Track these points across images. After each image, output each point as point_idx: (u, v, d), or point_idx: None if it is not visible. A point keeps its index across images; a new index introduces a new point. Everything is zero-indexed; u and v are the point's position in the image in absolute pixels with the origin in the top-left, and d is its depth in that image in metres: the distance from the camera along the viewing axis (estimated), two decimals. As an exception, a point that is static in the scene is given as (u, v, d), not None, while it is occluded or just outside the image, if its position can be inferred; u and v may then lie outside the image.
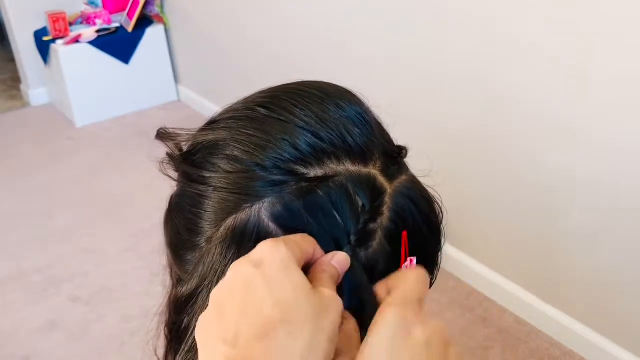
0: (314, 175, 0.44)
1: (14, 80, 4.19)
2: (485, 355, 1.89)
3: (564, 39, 1.59)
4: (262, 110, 0.47)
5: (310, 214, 0.43)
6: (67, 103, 3.56)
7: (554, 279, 1.88)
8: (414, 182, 0.50)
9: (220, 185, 0.45)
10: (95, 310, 2.18)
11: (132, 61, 3.58)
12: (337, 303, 0.39)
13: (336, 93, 0.49)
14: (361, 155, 0.46)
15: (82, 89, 3.50)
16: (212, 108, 3.29)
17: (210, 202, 0.45)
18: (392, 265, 0.46)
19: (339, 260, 0.43)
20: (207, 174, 0.46)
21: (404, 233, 0.46)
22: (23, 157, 3.30)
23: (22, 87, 3.97)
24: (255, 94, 0.50)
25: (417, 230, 0.48)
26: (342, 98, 0.48)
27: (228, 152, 0.45)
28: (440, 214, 0.52)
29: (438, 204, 0.52)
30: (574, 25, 1.55)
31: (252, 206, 0.44)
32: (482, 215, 2.03)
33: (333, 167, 0.44)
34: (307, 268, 0.42)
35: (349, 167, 0.45)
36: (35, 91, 3.88)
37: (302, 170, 0.44)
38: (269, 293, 0.38)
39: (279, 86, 0.50)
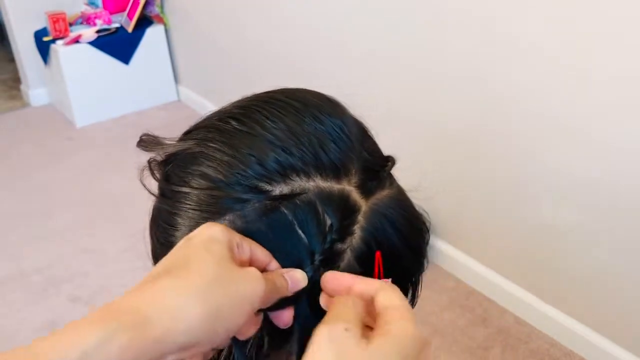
0: (279, 192, 0.42)
1: (14, 80, 4.19)
2: (485, 355, 1.89)
3: (563, 39, 1.59)
4: (233, 123, 0.45)
5: (273, 233, 0.42)
6: (67, 103, 3.56)
7: (554, 279, 1.88)
8: (396, 199, 0.47)
9: (186, 201, 0.44)
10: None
11: (132, 61, 3.58)
12: (257, 283, 0.38)
13: (315, 103, 0.47)
14: (334, 171, 0.44)
15: (82, 89, 3.50)
16: (212, 108, 3.27)
17: (180, 219, 0.45)
18: None
19: (293, 276, 0.42)
20: (175, 189, 0.45)
21: (377, 254, 0.44)
22: (23, 157, 3.30)
23: (22, 87, 3.97)
24: (234, 102, 0.49)
25: (394, 251, 0.45)
26: (321, 109, 0.47)
27: (195, 167, 0.44)
28: (427, 233, 0.49)
29: (424, 222, 0.49)
30: (574, 25, 1.55)
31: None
32: (482, 216, 2.03)
33: (301, 183, 0.43)
34: None
35: (320, 183, 0.43)
36: (35, 91, 3.88)
37: (266, 187, 0.42)
38: (182, 254, 0.38)
39: (258, 95, 0.49)
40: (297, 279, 0.42)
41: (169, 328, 0.35)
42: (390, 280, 0.44)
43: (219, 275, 0.37)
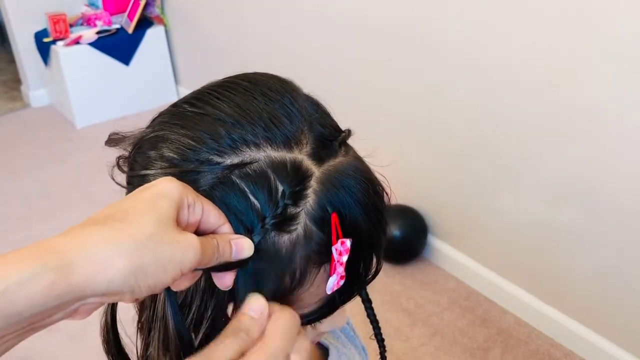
0: (229, 163, 0.45)
1: (15, 81, 4.19)
2: (486, 356, 1.89)
3: (564, 39, 1.59)
4: (186, 107, 0.49)
5: (224, 202, 0.44)
6: (67, 104, 3.56)
7: (554, 280, 1.88)
8: (352, 166, 0.49)
9: (145, 182, 0.46)
10: (96, 311, 2.17)
11: (133, 62, 3.58)
12: (190, 247, 0.39)
13: (264, 82, 0.50)
14: (285, 141, 0.46)
15: (83, 90, 3.51)
16: (212, 109, 3.28)
17: None
18: (326, 249, 0.46)
19: (239, 243, 0.43)
20: (137, 174, 0.48)
21: (333, 215, 0.46)
22: (23, 158, 3.30)
23: (23, 88, 3.98)
24: (191, 92, 0.52)
25: (350, 214, 0.47)
26: (270, 86, 0.50)
27: (154, 152, 0.47)
28: (386, 196, 0.51)
29: (382, 186, 0.51)
30: (574, 25, 1.55)
31: None
32: (482, 216, 2.03)
33: (251, 154, 0.45)
34: None
35: (270, 153, 0.46)
36: (36, 92, 3.88)
37: (217, 159, 0.45)
38: (126, 204, 0.39)
39: (213, 81, 0.53)
40: (243, 246, 0.43)
41: (91, 276, 0.35)
42: (348, 240, 0.46)
43: (153, 235, 0.37)
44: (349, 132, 0.51)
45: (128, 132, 0.53)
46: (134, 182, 0.48)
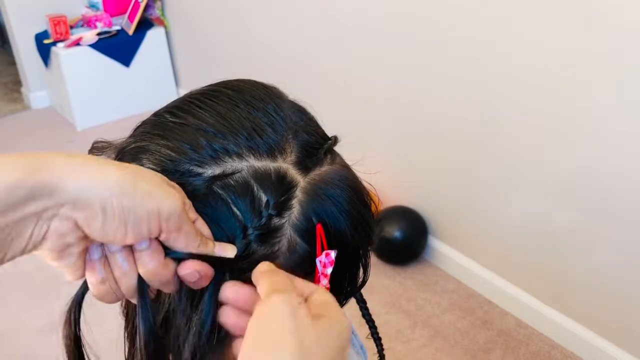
0: (210, 174, 0.44)
1: (15, 83, 4.19)
2: (486, 357, 1.89)
3: (563, 37, 1.59)
4: (167, 116, 0.48)
5: (207, 212, 0.44)
6: (67, 106, 3.57)
7: (554, 282, 1.88)
8: (337, 174, 0.48)
9: None
10: (96, 312, 2.17)
11: (133, 64, 3.59)
12: (177, 197, 0.40)
13: (248, 90, 0.50)
14: (269, 151, 0.46)
15: (83, 92, 3.51)
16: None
17: None
18: (311, 261, 0.46)
19: (222, 243, 0.43)
20: None
21: (318, 226, 0.45)
22: (24, 159, 3.30)
23: (23, 90, 3.98)
24: (173, 100, 0.51)
25: (336, 224, 0.47)
26: (254, 95, 0.49)
27: (135, 163, 0.46)
28: (368, 203, 0.50)
29: (369, 195, 0.50)
30: (574, 25, 1.55)
31: None
32: (483, 218, 2.03)
33: (233, 164, 0.45)
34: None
35: (253, 163, 0.45)
36: (36, 94, 3.88)
37: (198, 170, 0.44)
38: (125, 172, 0.39)
39: (196, 89, 0.52)
40: (226, 247, 0.43)
41: (63, 177, 0.36)
42: (333, 252, 0.46)
43: (143, 171, 0.39)
44: (335, 140, 0.50)
45: (113, 140, 0.52)
46: None
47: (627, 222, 1.61)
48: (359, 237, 0.49)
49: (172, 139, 0.46)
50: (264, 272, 0.43)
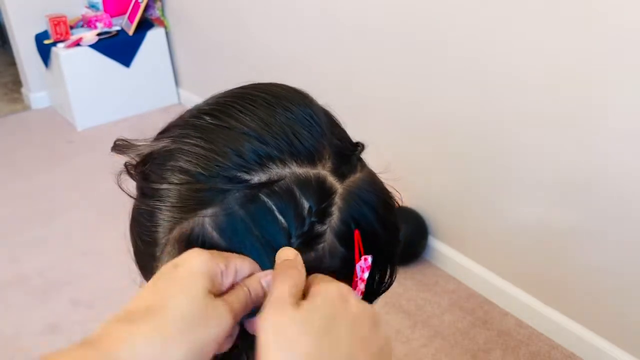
0: (257, 180, 0.44)
1: (15, 83, 4.20)
2: (486, 357, 1.89)
3: (564, 37, 1.59)
4: (207, 119, 0.47)
5: (253, 221, 0.43)
6: (68, 106, 3.57)
7: (554, 281, 1.88)
8: (368, 180, 0.49)
9: (167, 196, 0.45)
10: (97, 313, 2.18)
11: (133, 64, 3.59)
12: (221, 320, 0.39)
13: (285, 95, 0.49)
14: (309, 157, 0.46)
15: (83, 92, 3.51)
16: (212, 111, 3.28)
17: (161, 215, 0.46)
18: (348, 265, 0.46)
19: (269, 279, 0.43)
20: (155, 186, 0.46)
21: (356, 232, 0.46)
22: (24, 160, 3.30)
23: (23, 90, 3.98)
24: (205, 100, 0.50)
25: (371, 229, 0.47)
26: (291, 100, 0.48)
27: (173, 163, 0.45)
28: (394, 210, 0.51)
29: (395, 200, 0.52)
30: (575, 25, 1.55)
31: (196, 216, 0.44)
32: (483, 218, 2.03)
33: (278, 171, 0.44)
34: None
35: (296, 169, 0.45)
36: (36, 94, 3.88)
37: (245, 176, 0.44)
38: (162, 289, 0.39)
39: (228, 91, 0.51)
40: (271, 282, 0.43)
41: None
42: (370, 257, 0.46)
43: (190, 324, 0.38)
44: (362, 146, 0.51)
45: (135, 140, 0.51)
46: (149, 192, 0.47)
47: (627, 222, 1.61)
48: (391, 240, 0.50)
49: (216, 143, 0.45)
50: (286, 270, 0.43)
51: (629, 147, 1.54)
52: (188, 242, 0.44)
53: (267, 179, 0.44)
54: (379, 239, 0.48)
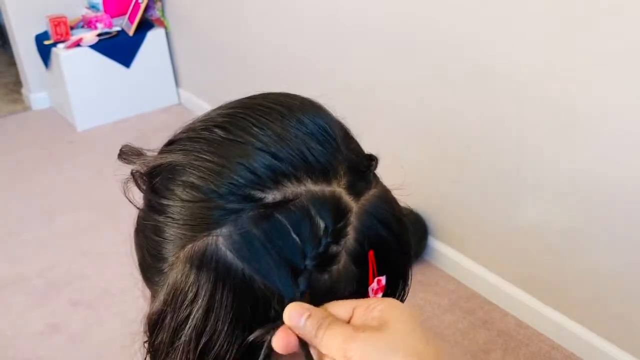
0: (272, 199, 0.42)
1: (15, 84, 4.20)
2: (486, 358, 1.89)
3: (564, 38, 1.59)
4: (219, 132, 0.45)
5: (269, 241, 0.42)
6: (68, 107, 3.57)
7: (555, 282, 1.88)
8: (383, 198, 0.48)
9: (178, 214, 0.44)
10: (97, 313, 2.18)
11: (133, 65, 3.59)
12: None
13: (299, 107, 0.47)
14: (324, 174, 0.44)
15: (83, 93, 3.51)
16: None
17: (170, 231, 0.44)
18: (360, 285, 0.45)
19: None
20: (165, 202, 0.45)
21: (371, 253, 0.44)
22: (24, 160, 3.30)
23: (24, 91, 3.98)
24: (216, 110, 0.48)
25: (385, 248, 0.46)
26: (305, 112, 0.47)
27: (184, 179, 0.44)
28: (407, 225, 0.50)
29: (408, 217, 0.51)
30: (575, 25, 1.55)
31: (209, 235, 0.43)
32: (483, 218, 2.03)
33: (293, 189, 0.43)
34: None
35: (311, 187, 0.43)
36: (37, 95, 3.88)
37: (260, 195, 0.42)
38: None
39: (237, 102, 0.49)
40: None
41: None
42: (384, 277, 0.45)
43: None
44: (377, 160, 0.49)
45: (142, 149, 0.49)
46: (157, 207, 0.45)
47: (627, 222, 1.61)
48: (404, 258, 0.49)
49: (229, 160, 0.43)
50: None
51: (629, 148, 1.54)
52: (200, 262, 0.43)
53: (282, 198, 0.42)
54: (392, 258, 0.47)
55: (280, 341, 0.41)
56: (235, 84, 3.15)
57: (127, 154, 0.49)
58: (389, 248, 0.46)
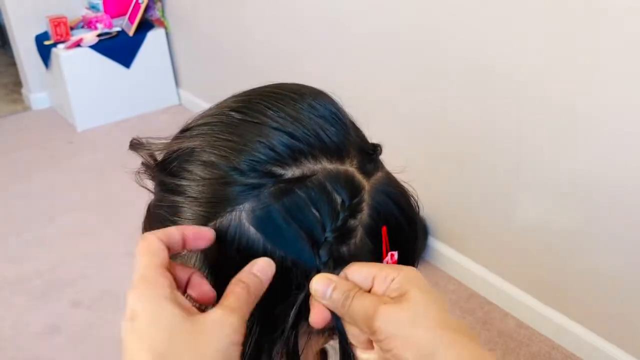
0: (291, 175, 0.44)
1: (16, 84, 4.20)
2: (487, 358, 1.89)
3: (565, 38, 1.59)
4: (236, 115, 0.47)
5: (290, 215, 0.44)
6: (68, 107, 3.57)
7: (555, 282, 1.88)
8: (390, 178, 0.50)
9: (200, 192, 0.45)
10: (97, 314, 2.18)
11: (133, 65, 3.59)
12: (221, 327, 0.39)
13: (309, 94, 0.49)
14: (337, 153, 0.46)
15: (83, 93, 3.51)
16: (213, 112, 3.28)
17: (191, 210, 0.45)
18: (374, 260, 0.46)
19: (261, 267, 0.43)
20: (184, 182, 0.46)
21: (384, 228, 0.47)
22: (24, 160, 3.30)
23: (24, 91, 3.98)
24: (229, 98, 0.50)
25: (396, 224, 0.48)
26: (316, 98, 0.49)
27: (204, 158, 0.45)
28: (417, 207, 0.53)
29: (413, 198, 0.53)
30: (575, 24, 1.56)
31: (232, 211, 0.44)
32: (483, 218, 2.03)
33: (310, 166, 0.45)
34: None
35: (326, 165, 0.45)
36: (37, 95, 3.88)
37: (280, 171, 0.44)
38: (145, 350, 0.38)
39: (252, 90, 0.51)
40: (265, 267, 0.43)
41: None
42: (396, 252, 0.47)
43: (190, 350, 0.38)
44: (380, 148, 0.52)
45: (149, 138, 0.51)
46: (173, 188, 0.46)
47: (627, 222, 1.61)
48: (413, 234, 0.51)
49: (248, 138, 0.45)
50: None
51: (629, 148, 1.54)
52: (225, 238, 0.44)
53: (301, 174, 0.44)
54: (403, 235, 0.49)
55: (316, 317, 0.43)
56: (235, 84, 3.13)
57: (137, 144, 0.51)
58: (399, 224, 0.49)
